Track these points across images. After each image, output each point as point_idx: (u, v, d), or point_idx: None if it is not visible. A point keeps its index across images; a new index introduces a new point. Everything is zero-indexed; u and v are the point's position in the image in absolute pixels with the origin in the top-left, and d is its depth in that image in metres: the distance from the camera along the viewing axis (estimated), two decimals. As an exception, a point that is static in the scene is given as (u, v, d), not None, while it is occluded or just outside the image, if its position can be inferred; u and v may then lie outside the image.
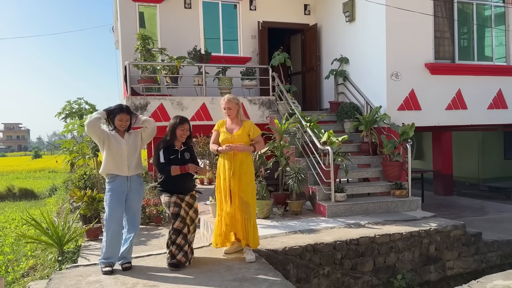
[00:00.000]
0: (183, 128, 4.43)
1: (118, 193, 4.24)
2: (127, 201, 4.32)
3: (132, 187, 4.32)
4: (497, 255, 6.22)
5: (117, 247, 4.27)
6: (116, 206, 4.23)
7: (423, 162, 14.30)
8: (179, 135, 4.44)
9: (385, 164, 7.20)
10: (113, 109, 4.31)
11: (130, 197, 4.32)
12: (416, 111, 8.01)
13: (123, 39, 9.14)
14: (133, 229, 4.36)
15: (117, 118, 4.26)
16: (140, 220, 4.50)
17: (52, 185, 16.90)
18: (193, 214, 4.48)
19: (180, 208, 4.33)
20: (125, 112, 4.31)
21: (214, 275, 4.00)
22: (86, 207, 6.81)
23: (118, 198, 4.24)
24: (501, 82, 8.64)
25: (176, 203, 4.34)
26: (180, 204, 4.35)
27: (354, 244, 5.20)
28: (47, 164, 27.84)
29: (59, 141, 11.46)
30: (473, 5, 8.58)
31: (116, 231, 4.24)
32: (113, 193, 4.23)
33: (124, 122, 4.31)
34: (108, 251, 4.23)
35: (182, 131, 4.44)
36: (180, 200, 4.37)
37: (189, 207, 4.46)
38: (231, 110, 4.63)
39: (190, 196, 4.51)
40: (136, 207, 4.39)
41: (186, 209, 4.42)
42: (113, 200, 4.22)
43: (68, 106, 13.37)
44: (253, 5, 9.92)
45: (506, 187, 12.32)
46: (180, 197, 4.39)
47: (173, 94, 8.36)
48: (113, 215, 4.22)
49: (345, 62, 8.99)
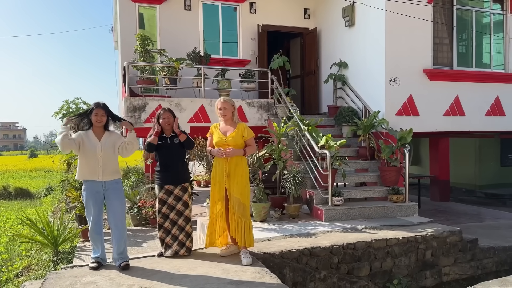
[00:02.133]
0: (164, 117, 4.63)
1: (93, 192, 4.29)
2: (107, 203, 4.37)
3: (108, 187, 4.32)
4: (493, 261, 6.23)
5: (98, 244, 4.37)
6: (91, 204, 4.29)
7: (420, 167, 14.33)
8: (163, 124, 4.64)
9: (383, 169, 7.20)
10: (86, 110, 4.42)
11: (108, 198, 4.34)
12: (414, 116, 8.02)
13: (123, 40, 9.13)
14: (117, 229, 4.37)
15: (93, 114, 4.29)
16: (124, 221, 4.46)
17: (48, 185, 16.81)
18: (180, 207, 4.63)
19: (163, 205, 4.60)
20: (101, 107, 4.33)
21: (210, 277, 3.98)
22: (82, 207, 6.76)
23: (93, 197, 4.29)
24: (498, 89, 8.68)
25: (161, 199, 4.61)
26: (165, 200, 4.59)
27: (351, 248, 5.19)
28: (43, 164, 27.71)
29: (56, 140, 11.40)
30: (472, 12, 8.63)
31: (92, 228, 4.33)
32: (88, 192, 4.30)
33: (100, 117, 4.29)
34: (93, 248, 4.41)
35: (164, 120, 4.64)
36: (167, 195, 4.59)
37: (177, 200, 4.62)
38: (226, 110, 4.62)
39: (180, 189, 4.64)
40: (116, 207, 4.36)
41: (173, 202, 4.61)
42: (88, 199, 4.30)
43: (66, 106, 13.33)
44: (253, 8, 9.94)
45: (502, 194, 12.35)
46: (169, 191, 4.60)
47: (171, 96, 8.35)
48: (89, 213, 4.32)
49: (344, 67, 9.01)
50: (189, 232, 4.68)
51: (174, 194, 4.61)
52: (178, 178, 4.65)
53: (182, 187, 4.66)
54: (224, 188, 4.59)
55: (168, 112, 4.68)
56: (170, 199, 4.60)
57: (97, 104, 4.35)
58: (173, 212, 4.61)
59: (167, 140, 4.65)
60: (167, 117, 4.64)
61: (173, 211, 4.61)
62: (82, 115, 4.37)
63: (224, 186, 4.58)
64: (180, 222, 4.63)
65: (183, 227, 4.65)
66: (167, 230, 4.62)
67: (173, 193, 4.60)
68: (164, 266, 4.34)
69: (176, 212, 4.62)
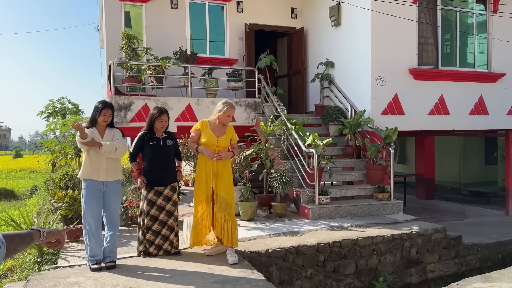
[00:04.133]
0: (162, 120, 4.53)
1: (94, 190, 4.27)
2: (104, 200, 4.35)
3: (109, 186, 4.34)
4: (477, 258, 6.33)
5: (98, 244, 4.30)
6: (93, 202, 4.26)
7: (406, 166, 14.48)
8: (159, 127, 4.54)
9: (369, 168, 7.26)
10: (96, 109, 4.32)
11: (106, 196, 4.34)
12: (399, 115, 8.10)
13: (108, 38, 9.04)
14: (112, 227, 4.39)
15: (102, 113, 4.28)
16: (119, 219, 4.55)
17: (33, 185, 16.57)
18: (171, 207, 4.61)
19: (152, 207, 4.51)
20: (109, 107, 4.36)
21: (196, 277, 3.97)
22: (67, 208, 6.69)
23: (95, 195, 4.27)
24: (482, 89, 8.81)
25: (150, 201, 4.51)
26: (154, 202, 4.52)
27: (337, 246, 5.22)
28: (28, 164, 27.31)
29: (41, 140, 11.26)
30: (456, 12, 8.74)
31: (95, 228, 4.26)
32: (89, 190, 4.26)
33: (107, 117, 4.34)
34: (91, 249, 4.28)
35: (161, 123, 4.54)
36: (157, 196, 4.52)
37: (167, 200, 4.58)
38: (232, 117, 4.67)
39: (170, 189, 4.61)
40: (113, 205, 4.41)
41: (163, 203, 4.55)
42: (90, 196, 4.25)
43: (51, 105, 13.19)
44: (240, 7, 9.93)
45: (486, 192, 12.56)
46: (158, 192, 4.53)
47: (158, 95, 8.29)
48: (91, 211, 4.25)
49: (330, 66, 9.05)
50: (177, 231, 4.69)
51: (164, 195, 4.56)
52: (168, 178, 4.62)
53: (172, 187, 4.64)
54: (211, 188, 4.59)
55: (165, 114, 4.58)
56: (160, 200, 4.55)
57: (106, 104, 4.33)
58: (162, 213, 4.55)
59: (159, 141, 4.56)
60: (164, 120, 4.56)
61: (162, 212, 4.55)
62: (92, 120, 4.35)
63: (211, 186, 4.58)
64: (170, 222, 4.59)
65: (173, 227, 4.62)
66: (156, 231, 4.54)
67: (163, 194, 4.56)
68: (149, 266, 4.32)
69: (166, 213, 4.56)
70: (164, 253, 4.58)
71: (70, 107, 13.18)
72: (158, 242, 4.55)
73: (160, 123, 4.53)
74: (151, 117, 4.55)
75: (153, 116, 4.54)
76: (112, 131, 4.44)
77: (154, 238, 4.53)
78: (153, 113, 4.56)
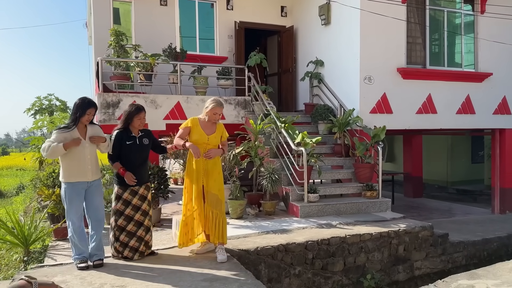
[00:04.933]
0: (140, 117, 4.41)
1: (78, 190, 4.21)
2: (87, 199, 4.29)
3: (92, 184, 4.30)
4: (463, 255, 6.42)
5: (84, 241, 4.25)
6: (78, 201, 4.20)
7: (394, 164, 14.62)
8: (137, 125, 4.42)
9: (357, 166, 7.31)
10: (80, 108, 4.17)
11: (90, 194, 4.29)
12: (387, 114, 8.16)
13: (96, 35, 8.95)
14: (98, 225, 4.34)
15: (87, 113, 4.17)
16: (104, 216, 4.48)
17: (20, 183, 16.34)
18: (146, 207, 4.52)
19: (127, 206, 4.39)
20: (94, 106, 4.26)
21: (184, 275, 3.96)
22: (54, 206, 6.62)
23: (80, 194, 4.21)
24: (469, 88, 8.91)
25: (125, 200, 4.40)
26: (129, 201, 4.40)
27: (325, 244, 5.25)
28: (15, 162, 26.89)
29: (28, 137, 11.12)
30: (444, 12, 8.83)
31: (78, 225, 4.21)
32: (73, 190, 4.17)
33: (91, 116, 4.26)
34: (77, 247, 4.22)
35: (139, 120, 4.43)
36: (132, 195, 4.41)
37: (143, 200, 4.49)
38: (220, 115, 4.61)
39: (145, 188, 4.54)
40: (98, 202, 4.35)
41: (138, 203, 4.45)
42: (75, 196, 4.17)
43: (38, 102, 13.03)
44: (230, 5, 9.90)
45: (473, 190, 12.74)
46: (134, 191, 4.42)
47: (147, 92, 8.24)
48: (75, 210, 4.19)
49: (320, 65, 9.08)
50: (152, 230, 4.62)
51: (139, 194, 4.45)
52: (143, 177, 4.53)
53: (146, 186, 4.57)
54: (202, 186, 4.56)
55: (144, 111, 4.45)
56: (135, 200, 4.43)
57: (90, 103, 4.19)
58: (138, 213, 4.43)
59: (135, 140, 4.43)
60: (143, 117, 4.45)
61: (138, 211, 4.43)
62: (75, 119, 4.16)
63: (201, 183, 4.55)
64: (146, 223, 4.49)
65: (149, 227, 4.54)
66: (131, 232, 4.38)
67: (138, 193, 4.45)
68: (137, 264, 4.29)
69: (142, 213, 4.45)
70: (140, 255, 4.41)
71: (58, 104, 13.03)
72: (133, 244, 4.38)
73: (139, 121, 4.40)
74: (128, 114, 4.39)
75: (131, 113, 4.38)
76: (94, 127, 4.35)
77: (128, 239, 4.37)
78: (130, 110, 4.40)
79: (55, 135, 4.13)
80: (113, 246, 4.44)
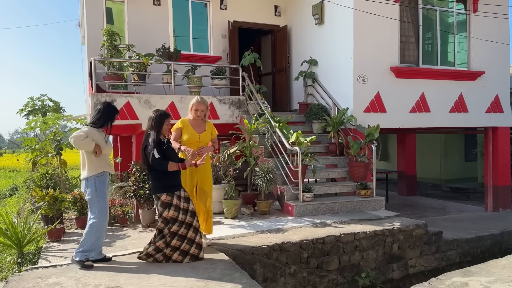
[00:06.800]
0: (168, 122, 4.44)
1: (106, 182, 4.41)
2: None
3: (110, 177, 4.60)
4: (457, 253, 6.46)
5: (102, 239, 4.43)
6: (106, 190, 4.41)
7: (388, 163, 14.68)
8: (166, 130, 4.41)
9: (351, 165, 7.34)
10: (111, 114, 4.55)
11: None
12: (381, 113, 8.20)
13: (89, 35, 8.91)
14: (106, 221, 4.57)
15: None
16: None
17: (13, 185, 16.23)
18: (193, 208, 4.43)
19: (179, 212, 4.30)
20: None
21: (179, 275, 3.95)
22: (48, 207, 6.57)
23: (107, 184, 4.43)
24: (462, 87, 8.97)
25: (176, 206, 4.30)
26: (179, 206, 4.31)
27: (320, 243, 5.27)
28: (7, 163, 26.65)
29: (21, 138, 11.04)
30: (437, 11, 8.88)
31: (107, 221, 4.44)
32: (103, 183, 4.35)
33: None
34: (94, 243, 4.30)
35: (167, 125, 4.44)
36: (178, 200, 4.32)
37: (188, 201, 4.40)
38: (203, 112, 4.78)
39: (183, 189, 4.48)
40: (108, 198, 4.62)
41: (185, 205, 4.36)
42: (103, 185, 4.34)
43: (31, 102, 12.92)
44: (224, 4, 9.88)
45: (466, 188, 12.82)
46: (178, 195, 4.34)
47: (140, 92, 8.20)
48: (105, 201, 4.37)
49: (314, 64, 9.09)
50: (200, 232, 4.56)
51: (183, 197, 4.36)
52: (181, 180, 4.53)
53: (183, 187, 4.52)
54: (195, 183, 4.78)
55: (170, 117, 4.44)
56: (182, 203, 4.34)
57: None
58: (188, 215, 4.35)
59: (167, 146, 4.41)
60: (169, 123, 4.48)
61: (187, 214, 4.35)
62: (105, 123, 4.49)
63: (195, 182, 4.75)
64: (195, 223, 4.39)
65: (197, 227, 4.43)
66: (182, 236, 4.31)
67: (182, 197, 4.36)
68: (132, 265, 4.28)
69: (190, 214, 4.37)
70: (192, 258, 4.33)
71: (51, 104, 12.92)
72: (184, 247, 4.30)
73: (167, 126, 4.40)
74: (161, 119, 4.33)
75: (162, 118, 4.33)
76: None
77: (180, 243, 4.29)
78: (160, 114, 4.35)
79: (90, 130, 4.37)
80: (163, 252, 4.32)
